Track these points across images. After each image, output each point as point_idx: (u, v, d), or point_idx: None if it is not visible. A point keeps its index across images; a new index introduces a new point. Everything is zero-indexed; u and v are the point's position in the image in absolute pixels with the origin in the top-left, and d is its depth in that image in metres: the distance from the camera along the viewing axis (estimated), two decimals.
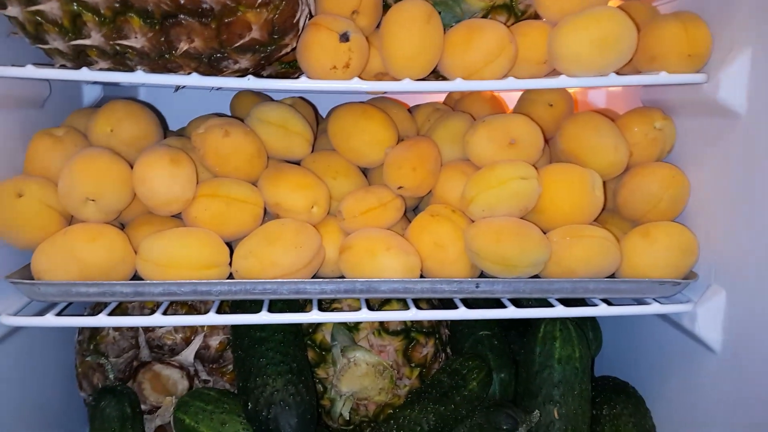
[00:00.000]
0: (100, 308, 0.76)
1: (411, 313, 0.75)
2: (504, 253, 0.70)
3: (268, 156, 0.81)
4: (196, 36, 0.64)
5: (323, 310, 0.84)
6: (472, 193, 0.74)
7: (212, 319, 0.73)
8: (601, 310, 0.76)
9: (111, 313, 0.74)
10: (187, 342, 0.86)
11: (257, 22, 0.65)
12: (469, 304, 0.77)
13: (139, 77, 0.68)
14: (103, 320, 0.72)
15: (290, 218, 0.77)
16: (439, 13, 0.75)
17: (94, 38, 0.64)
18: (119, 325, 0.83)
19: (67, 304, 0.75)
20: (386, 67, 0.76)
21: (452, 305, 0.77)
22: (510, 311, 0.75)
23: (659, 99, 0.87)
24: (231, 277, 0.73)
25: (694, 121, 0.80)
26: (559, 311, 0.75)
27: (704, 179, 0.78)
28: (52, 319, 0.71)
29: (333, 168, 0.83)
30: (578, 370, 0.81)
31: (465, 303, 0.76)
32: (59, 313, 0.72)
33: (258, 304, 0.76)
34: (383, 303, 0.85)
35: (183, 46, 0.65)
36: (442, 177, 0.81)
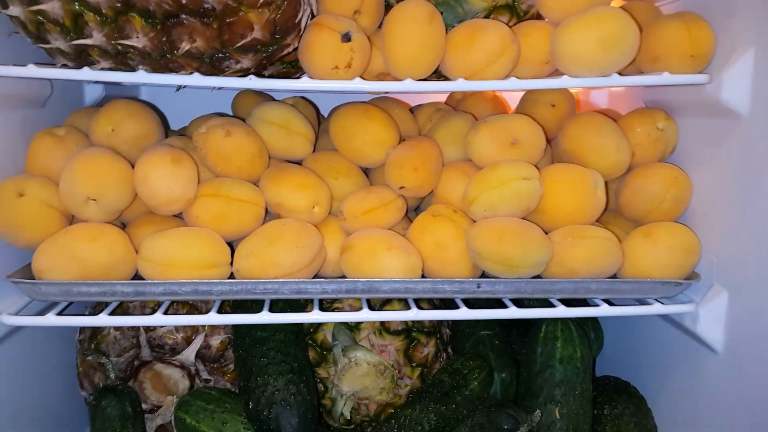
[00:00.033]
0: (101, 308, 0.76)
1: (412, 313, 0.75)
2: (506, 254, 0.70)
3: (269, 156, 0.81)
4: (198, 36, 0.64)
5: (324, 310, 0.84)
6: (474, 194, 0.74)
7: (213, 318, 0.73)
8: (602, 310, 0.76)
9: (112, 313, 0.74)
10: (188, 341, 0.86)
11: (259, 22, 0.65)
12: (470, 304, 0.76)
13: (141, 77, 0.68)
14: (104, 320, 0.72)
15: (292, 218, 0.77)
16: (441, 13, 0.75)
17: (96, 38, 0.64)
18: (120, 324, 0.83)
19: (67, 304, 0.75)
20: (388, 67, 0.76)
21: (453, 305, 0.76)
22: (511, 311, 0.75)
23: (662, 99, 0.86)
24: (232, 276, 0.73)
25: (696, 122, 0.80)
26: (561, 311, 0.75)
27: (707, 180, 0.78)
28: (53, 319, 0.71)
29: (334, 168, 0.83)
30: (580, 370, 0.81)
31: (466, 303, 0.76)
32: (60, 313, 0.72)
33: (259, 304, 0.76)
34: (384, 303, 0.85)
35: (185, 46, 0.64)
36: (444, 177, 0.81)
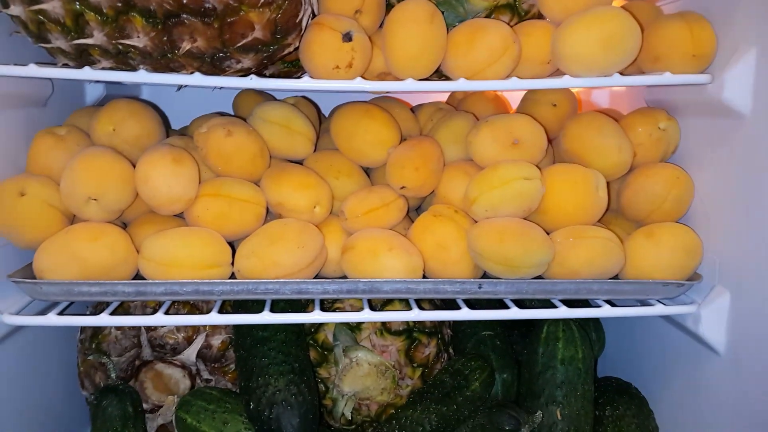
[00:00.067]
0: (102, 307, 0.76)
1: (413, 314, 0.75)
2: (507, 254, 0.70)
3: (270, 155, 0.81)
4: (199, 35, 0.64)
5: (325, 310, 0.84)
6: (475, 194, 0.74)
7: (214, 318, 0.73)
8: (604, 311, 0.76)
9: (113, 313, 0.74)
10: (189, 341, 0.86)
11: (260, 21, 0.65)
12: (471, 304, 0.76)
13: (142, 77, 0.68)
14: (105, 320, 0.72)
15: (293, 218, 0.77)
16: (442, 12, 0.75)
17: (97, 37, 0.64)
18: (121, 324, 0.83)
19: (68, 304, 0.75)
20: (389, 66, 0.76)
21: (455, 305, 0.76)
22: (513, 312, 0.75)
23: (663, 99, 0.86)
24: (233, 276, 0.73)
25: (698, 122, 0.80)
26: (563, 312, 0.75)
27: (708, 180, 0.78)
28: (54, 319, 0.71)
29: (335, 168, 0.83)
30: (581, 371, 0.80)
31: (468, 303, 0.76)
32: (61, 313, 0.72)
33: (260, 304, 0.76)
34: (385, 303, 0.85)
35: (185, 46, 0.64)
36: (445, 177, 0.80)
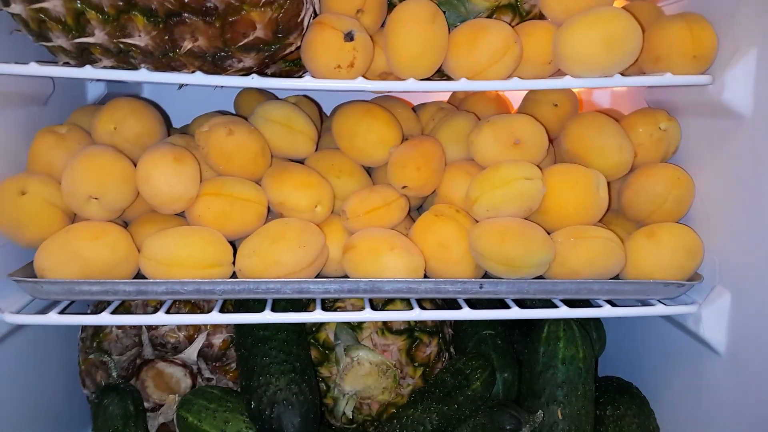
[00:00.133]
0: (103, 306, 0.75)
1: (414, 313, 0.74)
2: (508, 254, 0.70)
3: (272, 154, 0.81)
4: (200, 35, 0.64)
5: (326, 310, 0.84)
6: (477, 193, 0.74)
7: (215, 318, 0.73)
8: (605, 311, 0.76)
9: (114, 312, 0.74)
10: (190, 340, 0.86)
11: (261, 21, 0.64)
12: (472, 304, 0.76)
13: (143, 75, 0.68)
14: (106, 319, 0.72)
15: (294, 217, 0.77)
16: (443, 12, 0.75)
17: (98, 36, 0.64)
18: (122, 323, 0.83)
19: (69, 302, 0.75)
20: (391, 66, 0.76)
21: (456, 305, 0.76)
22: (514, 312, 0.75)
23: (664, 100, 0.86)
24: (234, 276, 0.73)
25: (699, 122, 0.80)
26: (563, 312, 0.75)
27: (709, 180, 0.78)
28: (54, 318, 0.71)
29: (337, 167, 0.83)
30: (582, 371, 0.80)
31: (469, 303, 0.76)
32: (62, 311, 0.72)
33: (261, 303, 0.76)
34: (387, 302, 0.85)
35: (187, 45, 0.64)
36: (447, 177, 0.80)
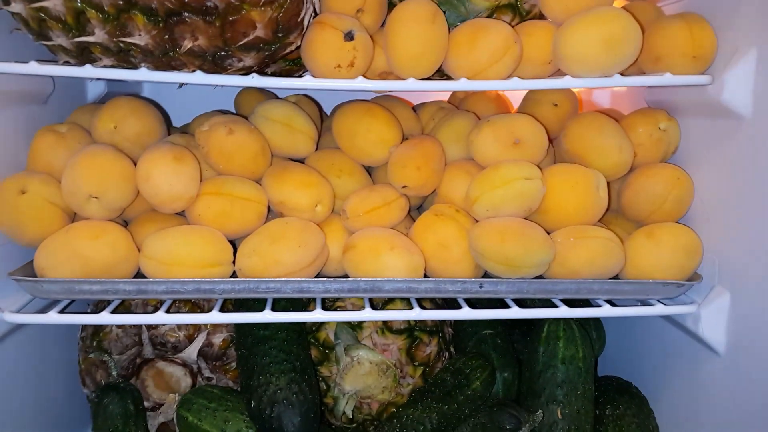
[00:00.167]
0: (103, 305, 0.75)
1: (414, 313, 0.75)
2: (508, 254, 0.70)
3: (272, 154, 0.81)
4: (200, 34, 0.64)
5: (327, 309, 0.84)
6: (477, 193, 0.74)
7: (215, 317, 0.73)
8: (604, 310, 0.76)
9: (114, 311, 0.74)
10: (190, 339, 0.86)
11: (261, 20, 0.64)
12: (472, 303, 0.76)
13: (143, 74, 0.68)
14: (106, 318, 0.72)
15: (294, 217, 0.77)
16: (443, 12, 0.75)
17: (98, 35, 0.64)
18: (122, 323, 0.82)
19: (69, 302, 0.75)
20: (391, 66, 0.76)
21: (456, 305, 0.76)
22: (514, 311, 0.75)
23: (664, 100, 0.86)
24: (234, 275, 0.73)
25: (698, 123, 0.80)
26: (563, 312, 0.75)
27: (709, 180, 0.78)
28: (54, 317, 0.71)
29: (337, 166, 0.83)
30: (581, 370, 0.80)
31: (469, 303, 0.76)
32: (62, 311, 0.72)
33: (261, 303, 0.76)
34: (387, 302, 0.85)
35: (187, 44, 0.64)
36: (447, 176, 0.80)
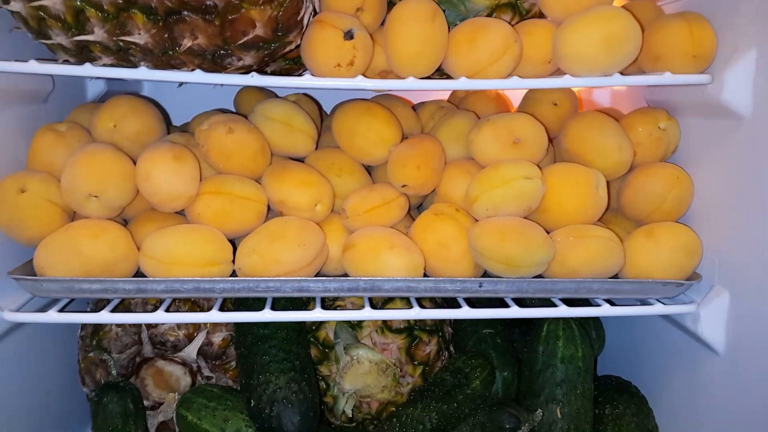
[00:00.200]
0: (102, 304, 0.76)
1: (414, 312, 0.75)
2: (508, 253, 0.70)
3: (271, 153, 0.81)
4: (200, 33, 0.64)
5: (326, 308, 0.84)
6: (476, 192, 0.74)
7: (215, 316, 0.73)
8: (604, 310, 0.76)
9: (114, 310, 0.74)
10: (189, 338, 0.86)
11: (261, 19, 0.64)
12: (472, 303, 0.76)
13: (142, 73, 0.68)
14: (105, 317, 0.72)
15: (294, 216, 0.77)
16: (443, 11, 0.75)
17: (97, 34, 0.64)
18: (122, 321, 0.82)
19: (69, 301, 0.75)
20: (390, 65, 0.76)
21: (456, 304, 0.76)
22: (513, 311, 0.75)
23: (664, 99, 0.86)
24: (234, 274, 0.73)
25: (698, 122, 0.80)
26: (562, 311, 0.75)
27: (708, 180, 0.78)
28: (54, 316, 0.71)
29: (337, 165, 0.83)
30: (581, 370, 0.81)
31: (468, 302, 0.76)
32: (62, 310, 0.72)
33: (261, 302, 0.76)
34: (386, 301, 0.85)
35: (186, 43, 0.64)
36: (446, 175, 0.80)
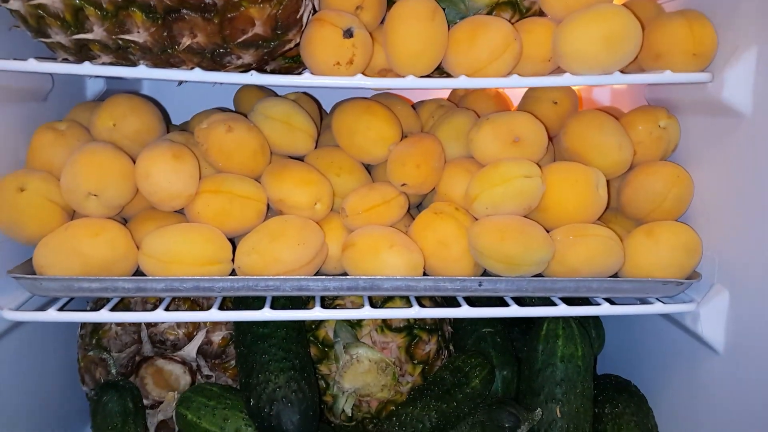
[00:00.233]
0: (102, 303, 0.76)
1: (414, 311, 0.75)
2: (508, 252, 0.70)
3: (271, 152, 0.81)
4: (199, 31, 0.64)
5: (326, 307, 0.84)
6: (476, 191, 0.74)
7: (214, 315, 0.73)
8: (604, 309, 0.76)
9: (113, 309, 0.74)
10: (189, 337, 0.86)
11: (260, 17, 0.64)
12: (472, 301, 0.76)
13: (142, 72, 0.68)
14: (105, 315, 0.72)
15: (293, 215, 0.77)
16: (443, 9, 0.75)
17: (97, 32, 0.64)
18: (121, 320, 0.82)
19: (69, 299, 0.75)
20: (390, 63, 0.76)
21: (455, 303, 0.76)
22: (513, 309, 0.75)
23: (664, 97, 0.86)
24: (233, 273, 0.73)
25: (698, 120, 0.80)
26: (562, 310, 0.75)
27: (708, 178, 0.78)
28: (54, 314, 0.71)
29: (336, 164, 0.83)
30: (581, 369, 0.81)
31: (468, 301, 0.76)
32: (61, 308, 0.72)
33: (260, 301, 0.76)
34: (386, 300, 0.85)
35: (185, 42, 0.64)
36: (446, 174, 0.80)
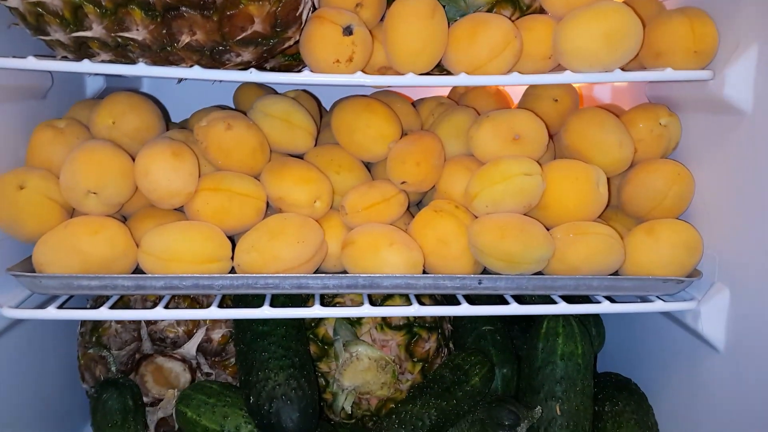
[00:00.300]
0: (101, 301, 0.76)
1: (413, 309, 0.75)
2: (508, 250, 0.70)
3: (270, 149, 0.81)
4: (198, 29, 0.64)
5: (325, 305, 0.84)
6: (476, 189, 0.74)
7: (214, 312, 0.73)
8: (604, 307, 0.76)
9: (113, 306, 0.74)
10: (189, 335, 0.86)
11: (260, 14, 0.64)
12: (471, 299, 0.76)
13: (141, 70, 0.68)
14: (104, 313, 0.72)
15: (293, 212, 0.76)
16: (443, 6, 0.75)
17: (96, 30, 0.63)
18: (121, 318, 0.82)
19: (68, 297, 0.75)
20: (390, 61, 0.76)
21: (455, 301, 0.76)
22: (513, 308, 0.75)
23: (664, 95, 0.86)
24: (233, 271, 0.73)
25: (699, 118, 0.80)
26: (562, 308, 0.75)
27: (709, 176, 0.78)
28: (53, 312, 0.71)
29: (336, 162, 0.82)
30: (581, 367, 0.80)
31: (468, 299, 0.76)
32: (61, 306, 0.72)
33: (260, 299, 0.76)
34: (386, 298, 0.85)
35: (185, 39, 0.64)
36: (446, 172, 0.80)
